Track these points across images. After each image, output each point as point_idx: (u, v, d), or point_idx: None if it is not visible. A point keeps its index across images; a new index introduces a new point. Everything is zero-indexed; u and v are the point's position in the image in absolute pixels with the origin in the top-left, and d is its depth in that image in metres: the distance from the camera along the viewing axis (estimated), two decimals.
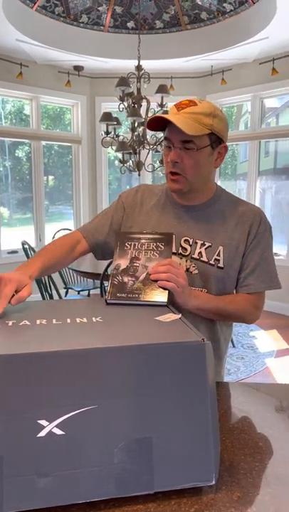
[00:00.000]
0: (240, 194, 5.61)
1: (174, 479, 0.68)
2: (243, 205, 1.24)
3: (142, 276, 1.03)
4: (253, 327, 4.38)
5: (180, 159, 1.13)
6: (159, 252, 1.07)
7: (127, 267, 1.05)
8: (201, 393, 0.69)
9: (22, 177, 5.43)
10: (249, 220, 1.20)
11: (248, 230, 1.20)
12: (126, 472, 0.66)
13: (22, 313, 0.88)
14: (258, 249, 1.20)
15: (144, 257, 1.06)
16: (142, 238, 1.09)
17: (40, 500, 0.63)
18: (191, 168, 1.14)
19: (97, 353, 0.67)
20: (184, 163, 1.14)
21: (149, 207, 1.28)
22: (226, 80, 5.06)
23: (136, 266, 1.05)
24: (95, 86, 5.40)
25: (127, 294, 1.01)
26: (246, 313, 1.21)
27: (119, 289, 1.02)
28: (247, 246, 1.20)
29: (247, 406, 1.01)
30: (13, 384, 0.63)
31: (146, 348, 0.69)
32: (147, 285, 1.01)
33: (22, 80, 4.79)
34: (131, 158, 3.79)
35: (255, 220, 1.21)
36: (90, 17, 4.49)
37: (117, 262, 1.06)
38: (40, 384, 0.64)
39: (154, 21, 4.59)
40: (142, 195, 1.30)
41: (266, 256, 1.22)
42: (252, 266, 1.20)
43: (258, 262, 1.20)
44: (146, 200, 1.29)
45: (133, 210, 1.29)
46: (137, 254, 1.07)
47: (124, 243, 1.09)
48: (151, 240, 1.08)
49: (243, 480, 0.72)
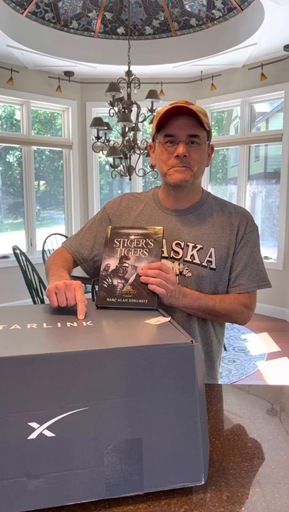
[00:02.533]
0: (231, 198, 5.64)
1: (163, 480, 0.69)
2: (230, 207, 1.27)
3: (131, 279, 1.02)
4: (245, 330, 4.41)
5: (187, 153, 1.16)
6: (148, 249, 1.06)
7: (116, 268, 1.04)
8: (190, 394, 0.70)
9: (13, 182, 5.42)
10: (237, 220, 1.23)
11: (236, 231, 1.23)
12: (116, 473, 0.67)
13: (13, 318, 0.88)
14: (247, 249, 1.23)
15: (134, 256, 1.05)
16: (131, 234, 1.07)
17: (31, 502, 0.64)
18: (197, 162, 1.18)
19: (87, 355, 0.68)
20: (190, 157, 1.17)
21: (136, 213, 1.28)
22: (216, 85, 5.11)
23: (125, 267, 1.04)
24: (86, 91, 5.42)
25: (117, 298, 1.00)
26: (237, 313, 1.22)
27: (109, 293, 1.01)
28: (236, 246, 1.22)
29: (237, 408, 1.02)
30: (3, 387, 0.63)
31: (136, 350, 0.69)
32: (137, 288, 1.01)
33: (12, 86, 4.79)
34: (122, 163, 3.81)
35: (242, 221, 1.24)
36: (80, 23, 4.51)
37: (107, 262, 1.05)
38: (31, 387, 0.64)
39: (144, 27, 4.62)
40: (126, 204, 1.31)
41: (255, 256, 1.24)
42: (241, 266, 1.22)
43: (247, 261, 1.22)
44: (132, 207, 1.30)
45: (119, 218, 1.29)
46: (126, 253, 1.05)
47: (114, 239, 1.07)
48: (141, 236, 1.07)
49: (232, 480, 0.73)
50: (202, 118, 1.14)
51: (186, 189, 1.21)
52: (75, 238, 1.32)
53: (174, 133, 1.16)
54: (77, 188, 5.59)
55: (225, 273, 1.21)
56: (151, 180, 5.85)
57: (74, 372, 0.66)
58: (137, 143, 3.70)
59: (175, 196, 1.24)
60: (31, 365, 0.65)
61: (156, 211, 1.27)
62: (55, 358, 0.66)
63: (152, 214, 1.26)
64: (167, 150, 1.17)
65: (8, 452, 0.63)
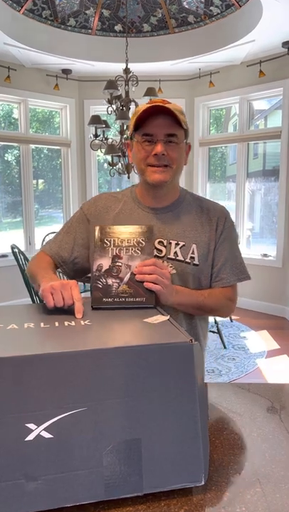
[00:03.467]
0: (230, 196, 5.63)
1: (163, 480, 0.68)
2: (208, 203, 1.31)
3: (126, 278, 1.01)
4: (244, 328, 4.40)
5: (166, 152, 1.16)
6: (140, 248, 1.04)
7: (109, 268, 1.02)
8: (189, 394, 0.69)
9: (12, 181, 5.40)
10: (215, 217, 1.27)
11: (215, 227, 1.26)
12: (115, 474, 0.66)
13: (10, 317, 0.88)
14: (227, 244, 1.26)
15: (126, 255, 1.03)
16: (121, 233, 1.05)
17: (29, 504, 0.63)
18: (176, 160, 1.19)
19: (85, 355, 0.67)
20: (169, 156, 1.17)
21: (115, 213, 1.27)
22: (214, 82, 5.09)
23: (118, 266, 1.02)
24: (84, 89, 5.40)
25: (113, 298, 0.99)
26: (223, 306, 1.27)
27: (105, 293, 0.99)
28: (216, 242, 1.25)
29: (237, 406, 1.01)
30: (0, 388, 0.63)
31: (134, 349, 0.69)
32: (132, 287, 1.00)
33: (10, 84, 4.77)
34: (120, 161, 3.79)
35: (221, 217, 1.27)
36: (78, 20, 4.49)
37: (99, 262, 1.02)
38: (28, 387, 0.64)
39: (142, 24, 4.60)
40: (104, 203, 1.29)
41: (234, 250, 1.29)
42: (222, 261, 1.26)
43: (227, 256, 1.26)
44: (110, 207, 1.28)
45: (97, 218, 1.27)
46: (118, 252, 1.03)
47: (104, 239, 1.04)
48: (132, 235, 1.05)
49: (232, 480, 0.73)
50: (179, 117, 1.15)
51: (165, 188, 1.22)
52: (54, 241, 1.31)
53: (152, 132, 1.16)
54: (75, 187, 5.58)
55: (207, 268, 1.24)
56: None
57: (72, 373, 0.65)
58: None
59: (154, 195, 1.24)
60: (29, 366, 0.64)
61: (135, 210, 1.26)
62: (53, 358, 0.66)
63: (132, 213, 1.26)
64: (145, 149, 1.17)
65: (6, 454, 0.62)
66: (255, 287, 5.06)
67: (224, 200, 5.81)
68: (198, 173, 5.52)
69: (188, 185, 5.59)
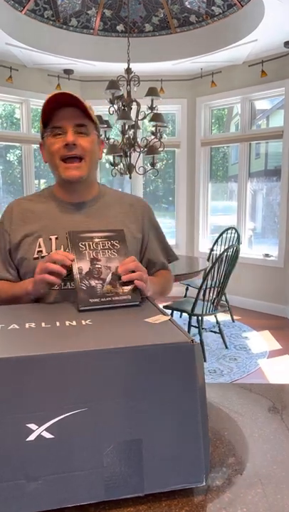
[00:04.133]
0: (232, 196, 5.63)
1: (164, 481, 0.68)
2: (128, 197, 1.36)
3: (108, 278, 1.01)
4: (246, 328, 4.40)
5: (77, 142, 1.15)
6: (116, 250, 1.05)
7: (90, 270, 1.02)
8: (190, 394, 0.69)
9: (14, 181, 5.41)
10: (139, 209, 1.31)
11: (140, 218, 1.30)
12: (116, 475, 0.66)
13: (11, 317, 0.87)
14: (155, 233, 1.35)
15: (104, 257, 1.03)
16: (94, 237, 1.05)
17: (30, 504, 0.63)
18: (88, 151, 1.18)
19: (86, 355, 0.67)
20: (81, 146, 1.16)
21: (37, 216, 1.23)
22: (216, 82, 5.09)
23: (98, 267, 1.02)
24: (85, 89, 5.40)
25: (100, 298, 0.99)
26: (169, 287, 1.38)
27: (90, 294, 0.99)
28: (144, 232, 1.30)
29: (239, 406, 1.01)
30: (1, 388, 0.63)
31: (136, 349, 0.68)
32: (116, 286, 1.00)
33: (12, 84, 4.78)
34: (122, 161, 3.79)
35: (144, 209, 1.33)
36: (80, 20, 4.49)
37: (78, 265, 1.02)
38: (29, 387, 0.64)
39: (144, 24, 4.60)
40: (21, 208, 1.25)
41: (161, 236, 1.39)
42: (155, 248, 1.34)
43: (158, 243, 1.36)
44: (27, 209, 1.25)
45: (17, 223, 1.22)
46: (95, 255, 1.03)
47: (78, 244, 1.04)
48: (105, 238, 1.06)
49: (233, 480, 0.72)
50: (87, 107, 1.15)
51: (83, 183, 1.21)
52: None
53: (61, 124, 1.15)
54: None
55: (138, 257, 1.26)
56: (152, 179, 5.84)
57: (73, 373, 0.65)
58: (137, 141, 3.69)
59: (72, 190, 1.23)
60: (30, 366, 0.64)
61: (58, 208, 1.24)
62: (54, 359, 0.65)
63: (55, 213, 1.23)
64: (56, 141, 1.16)
65: (7, 454, 0.62)
66: (256, 287, 5.05)
67: (226, 200, 5.80)
68: (200, 173, 5.52)
69: (190, 185, 5.59)
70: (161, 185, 6.29)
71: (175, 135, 5.66)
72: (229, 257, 3.54)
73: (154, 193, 6.29)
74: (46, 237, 1.18)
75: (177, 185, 5.71)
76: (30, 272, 1.16)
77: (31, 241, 1.19)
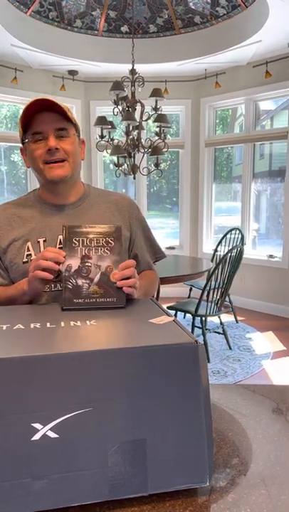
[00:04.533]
0: (236, 197, 5.62)
1: (168, 481, 0.68)
2: (114, 195, 1.35)
3: (96, 278, 1.00)
4: (250, 329, 4.39)
5: (59, 145, 1.16)
6: (109, 248, 1.03)
7: (79, 268, 1.01)
8: (194, 395, 0.69)
9: (18, 181, 5.43)
10: (125, 207, 1.31)
11: (127, 216, 1.30)
12: (120, 474, 0.66)
13: (16, 318, 0.88)
14: (142, 231, 1.36)
15: (96, 255, 1.02)
16: (89, 233, 1.03)
17: (35, 503, 0.63)
18: (72, 153, 1.19)
19: (91, 355, 0.67)
20: (64, 149, 1.17)
21: (24, 220, 1.23)
22: (220, 83, 5.09)
23: (88, 266, 1.01)
24: (90, 90, 5.41)
25: (84, 299, 0.98)
26: (155, 288, 1.38)
27: (75, 293, 0.98)
28: (132, 230, 1.31)
29: (243, 408, 1.01)
30: (6, 387, 0.63)
31: (140, 350, 0.69)
32: (103, 287, 0.99)
33: (17, 85, 4.80)
34: (126, 162, 3.80)
35: (130, 207, 1.33)
36: (84, 21, 4.50)
37: (68, 262, 1.01)
38: (34, 387, 0.64)
39: (148, 25, 4.61)
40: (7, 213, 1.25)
41: (148, 234, 1.39)
42: (141, 247, 1.34)
43: (145, 242, 1.36)
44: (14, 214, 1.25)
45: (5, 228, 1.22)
46: (87, 252, 1.02)
47: (72, 239, 1.02)
48: (100, 235, 1.04)
49: (237, 481, 0.73)
50: (65, 110, 1.15)
51: (68, 184, 1.22)
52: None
53: (41, 129, 1.15)
54: None
55: (126, 255, 1.28)
56: (156, 179, 5.84)
57: (78, 373, 0.66)
58: (141, 141, 3.70)
59: (57, 192, 1.23)
60: (35, 366, 0.65)
61: (44, 210, 1.24)
62: (59, 359, 0.66)
63: (42, 215, 1.23)
64: (38, 147, 1.17)
65: (12, 453, 0.63)
66: (260, 288, 5.05)
67: (230, 201, 5.80)
68: (203, 173, 5.52)
69: (194, 186, 5.59)
70: (165, 186, 6.30)
71: (179, 136, 5.67)
72: (233, 257, 3.54)
73: (157, 193, 6.29)
74: (34, 240, 1.19)
75: (181, 186, 5.71)
76: (20, 276, 1.17)
77: (20, 245, 1.20)
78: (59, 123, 1.16)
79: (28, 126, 1.17)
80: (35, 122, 1.15)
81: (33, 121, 1.15)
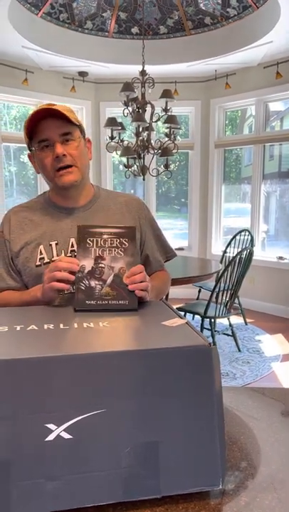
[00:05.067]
0: (245, 198, 5.60)
1: (181, 484, 0.68)
2: (123, 196, 1.35)
3: (109, 280, 1.00)
4: (259, 331, 4.37)
5: (66, 152, 1.16)
6: (123, 249, 1.03)
7: (92, 269, 1.01)
8: (208, 397, 0.69)
9: (27, 182, 5.46)
10: (134, 207, 1.32)
11: (137, 217, 1.31)
12: (133, 476, 0.66)
13: (29, 318, 0.89)
14: (152, 231, 1.36)
15: (109, 257, 1.02)
16: (104, 233, 1.03)
17: (48, 504, 0.64)
18: (79, 157, 1.19)
19: (105, 357, 0.67)
20: (71, 154, 1.17)
21: (36, 223, 1.24)
22: (230, 84, 5.08)
23: (102, 267, 1.01)
24: (100, 91, 5.43)
25: (96, 300, 0.98)
26: (166, 288, 1.37)
27: (88, 295, 0.98)
28: (142, 231, 1.31)
29: (253, 411, 1.01)
30: (21, 388, 0.64)
31: (153, 352, 0.69)
32: (115, 289, 0.99)
33: (27, 86, 4.82)
34: (135, 163, 3.81)
35: (140, 207, 1.34)
36: (95, 23, 4.52)
37: (81, 262, 1.01)
38: (48, 388, 0.64)
39: (158, 26, 4.62)
40: (19, 217, 1.26)
41: (158, 234, 1.39)
42: (153, 247, 1.35)
43: (155, 242, 1.37)
44: (26, 217, 1.26)
45: (17, 232, 1.24)
46: (100, 253, 1.02)
47: (86, 239, 1.02)
48: (115, 236, 1.03)
49: (250, 485, 0.72)
50: (68, 114, 1.15)
51: (78, 187, 1.23)
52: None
53: (46, 136, 1.16)
54: None
55: (138, 257, 1.26)
56: (164, 180, 5.84)
57: (91, 374, 0.66)
58: (151, 143, 3.70)
59: (68, 196, 1.24)
60: (49, 367, 0.65)
61: (55, 214, 1.25)
62: (73, 360, 0.66)
63: (53, 219, 1.24)
64: (46, 154, 1.17)
65: (26, 453, 0.63)
66: (270, 290, 5.02)
67: (239, 202, 5.78)
68: (213, 174, 5.51)
69: (203, 187, 5.58)
70: (174, 187, 6.29)
71: (188, 137, 5.66)
72: (243, 259, 3.53)
73: (166, 194, 6.29)
74: (46, 243, 1.20)
75: (190, 187, 5.71)
76: (33, 279, 1.19)
77: (32, 248, 1.21)
78: (63, 128, 1.16)
79: (33, 133, 1.18)
80: (39, 130, 1.16)
81: (38, 129, 1.16)
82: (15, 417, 0.63)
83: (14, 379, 0.64)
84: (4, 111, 5.07)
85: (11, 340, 0.75)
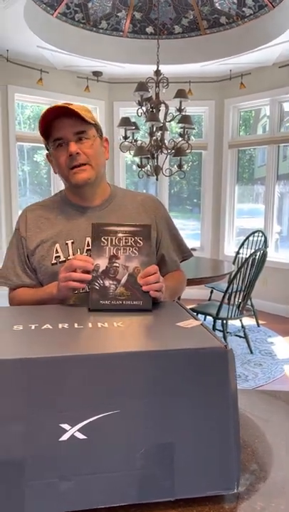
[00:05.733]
0: (258, 198, 5.56)
1: (195, 487, 0.67)
2: (140, 195, 1.35)
3: (123, 279, 0.99)
4: (271, 333, 4.33)
5: (80, 150, 1.16)
6: (138, 248, 1.02)
7: (106, 268, 1.00)
8: (223, 400, 0.69)
9: (40, 181, 5.49)
10: (151, 207, 1.31)
11: (153, 216, 1.29)
12: (147, 478, 0.66)
13: (44, 317, 0.89)
14: (167, 230, 1.34)
15: (124, 256, 1.01)
16: (118, 231, 1.02)
17: (62, 504, 0.63)
18: (93, 156, 1.19)
19: (119, 358, 0.67)
20: (85, 153, 1.17)
21: (52, 221, 1.24)
22: (245, 84, 5.04)
23: (116, 267, 1.00)
24: (114, 91, 5.43)
25: (110, 300, 0.98)
26: (182, 289, 1.36)
27: (102, 295, 0.98)
28: (158, 230, 1.30)
29: (266, 414, 0.99)
30: (35, 387, 0.63)
31: (169, 354, 0.68)
32: (130, 289, 0.99)
33: (42, 86, 4.85)
34: (149, 163, 3.80)
35: (156, 206, 1.33)
36: (110, 23, 4.52)
37: (96, 261, 1.01)
38: (63, 388, 0.64)
39: (173, 26, 4.60)
40: (35, 215, 1.26)
41: (175, 233, 1.37)
42: (167, 246, 1.33)
43: (171, 241, 1.35)
44: (42, 216, 1.26)
45: (33, 230, 1.24)
46: (115, 252, 1.01)
47: (100, 238, 1.02)
48: (129, 234, 1.02)
49: (265, 489, 0.71)
50: (82, 113, 1.14)
51: (93, 186, 1.22)
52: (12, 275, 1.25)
53: (61, 135, 1.15)
54: None
55: (153, 257, 1.25)
56: (176, 180, 5.83)
57: (106, 375, 0.66)
58: (165, 142, 3.69)
59: (83, 195, 1.24)
60: (63, 367, 0.65)
61: (71, 212, 1.25)
62: (87, 360, 0.66)
63: (69, 217, 1.24)
64: (61, 153, 1.17)
65: (41, 453, 0.63)
66: (283, 292, 4.97)
67: (251, 203, 5.74)
68: (226, 175, 5.47)
69: (216, 188, 5.55)
70: (186, 187, 6.27)
71: (202, 137, 5.64)
72: (256, 260, 3.50)
73: (178, 194, 6.27)
74: (62, 242, 1.20)
75: (203, 187, 5.68)
76: (49, 278, 1.19)
77: (48, 247, 1.21)
78: (78, 126, 1.16)
79: (49, 133, 1.18)
80: (54, 129, 1.16)
81: (52, 128, 1.16)
82: (29, 417, 0.63)
83: (29, 378, 0.63)
84: (18, 110, 5.10)
85: (26, 339, 0.75)
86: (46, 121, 1.15)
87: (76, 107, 1.15)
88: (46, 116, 1.14)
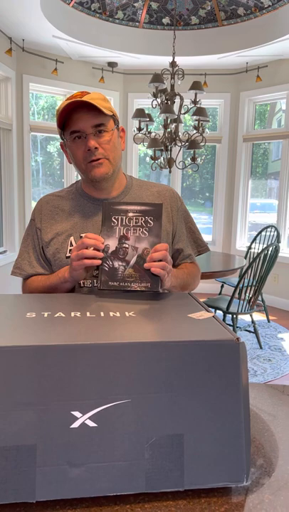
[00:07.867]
0: (271, 193, 5.51)
1: (204, 478, 0.67)
2: (156, 186, 1.32)
3: (132, 261, 1.00)
4: (281, 329, 4.31)
5: (98, 144, 1.14)
6: (148, 228, 1.01)
7: (116, 249, 1.01)
8: (234, 392, 0.68)
9: (53, 172, 5.50)
10: (167, 198, 1.29)
11: (169, 208, 1.28)
12: (156, 468, 0.66)
13: (57, 305, 0.89)
14: (183, 222, 1.32)
15: (133, 236, 1.01)
16: (129, 211, 1.02)
17: (71, 490, 0.64)
18: (111, 150, 1.17)
19: (131, 347, 0.67)
20: (103, 147, 1.15)
21: (67, 212, 1.24)
22: (261, 76, 4.98)
23: (125, 248, 1.01)
24: (129, 82, 5.40)
25: (119, 282, 0.99)
26: (194, 282, 1.31)
27: (111, 276, 0.99)
28: (174, 222, 1.28)
29: (275, 408, 0.99)
30: (48, 375, 0.64)
31: (180, 345, 0.68)
32: (138, 271, 0.99)
33: (57, 76, 4.84)
34: (162, 155, 3.78)
35: (172, 198, 1.30)
36: (126, 13, 4.49)
37: (106, 242, 1.01)
38: (75, 376, 0.65)
39: (190, 17, 4.55)
40: (50, 206, 1.26)
41: (191, 226, 1.35)
42: (184, 239, 1.31)
43: (187, 234, 1.33)
44: (58, 206, 1.25)
45: (48, 221, 1.24)
46: (125, 232, 1.01)
47: (111, 217, 1.02)
48: (140, 214, 1.02)
49: (273, 482, 0.71)
50: (101, 104, 1.12)
51: (110, 179, 1.21)
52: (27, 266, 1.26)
53: (79, 128, 1.13)
54: None
55: (170, 247, 1.24)
56: (189, 174, 5.79)
57: (117, 364, 0.66)
58: (179, 135, 3.67)
59: (100, 188, 1.23)
60: (76, 354, 0.65)
61: (86, 204, 1.24)
62: (99, 349, 0.66)
63: (85, 210, 1.23)
64: (78, 146, 1.15)
65: (52, 439, 0.64)
66: None
67: (264, 198, 5.69)
68: (240, 169, 5.43)
69: (230, 181, 5.51)
70: (198, 181, 6.24)
71: (216, 130, 5.59)
72: (268, 255, 3.48)
73: (190, 188, 6.24)
74: (77, 235, 1.20)
75: (216, 181, 5.65)
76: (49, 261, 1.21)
77: (63, 240, 1.21)
78: (96, 119, 1.13)
79: (66, 124, 1.16)
80: (71, 120, 1.14)
81: (70, 120, 1.14)
82: (41, 403, 0.63)
83: (43, 365, 0.64)
84: (32, 101, 5.10)
85: (40, 327, 0.75)
86: (65, 112, 1.14)
87: (93, 97, 1.14)
88: (66, 109, 1.12)
